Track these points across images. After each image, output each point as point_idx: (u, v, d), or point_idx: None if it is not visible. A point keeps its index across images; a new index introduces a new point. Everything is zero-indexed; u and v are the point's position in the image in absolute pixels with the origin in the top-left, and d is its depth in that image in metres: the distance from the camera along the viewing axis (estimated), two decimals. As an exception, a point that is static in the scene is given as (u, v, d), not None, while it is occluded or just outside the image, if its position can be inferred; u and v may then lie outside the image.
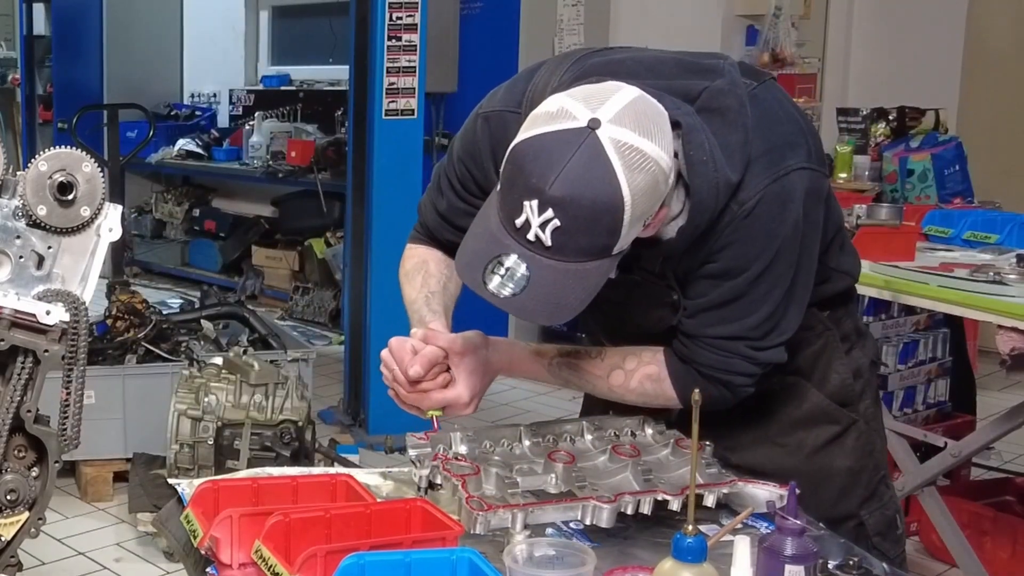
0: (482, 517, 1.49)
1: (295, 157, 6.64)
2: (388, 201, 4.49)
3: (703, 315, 1.61)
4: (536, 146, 1.42)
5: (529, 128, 1.45)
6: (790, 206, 1.54)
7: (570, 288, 1.45)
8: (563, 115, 1.42)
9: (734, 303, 1.58)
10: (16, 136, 8.96)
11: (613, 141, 1.39)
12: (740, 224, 1.53)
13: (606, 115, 1.40)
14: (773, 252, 1.55)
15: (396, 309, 4.99)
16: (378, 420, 4.54)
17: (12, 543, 1.40)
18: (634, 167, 1.39)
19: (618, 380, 1.69)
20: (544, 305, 1.47)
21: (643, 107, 1.44)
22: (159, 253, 7.86)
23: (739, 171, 1.51)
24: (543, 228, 1.40)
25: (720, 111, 1.53)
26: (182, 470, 3.45)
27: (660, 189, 1.43)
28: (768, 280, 1.57)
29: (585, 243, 1.41)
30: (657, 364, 1.67)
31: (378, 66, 4.42)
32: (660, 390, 1.67)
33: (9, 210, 1.39)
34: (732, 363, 1.62)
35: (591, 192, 1.38)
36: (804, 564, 1.29)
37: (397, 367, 1.71)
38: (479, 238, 1.51)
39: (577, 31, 5.49)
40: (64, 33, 8.07)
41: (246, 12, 8.07)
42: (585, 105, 1.42)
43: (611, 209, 1.39)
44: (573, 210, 1.38)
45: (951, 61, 5.42)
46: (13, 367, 1.36)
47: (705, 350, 1.62)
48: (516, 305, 1.48)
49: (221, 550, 1.45)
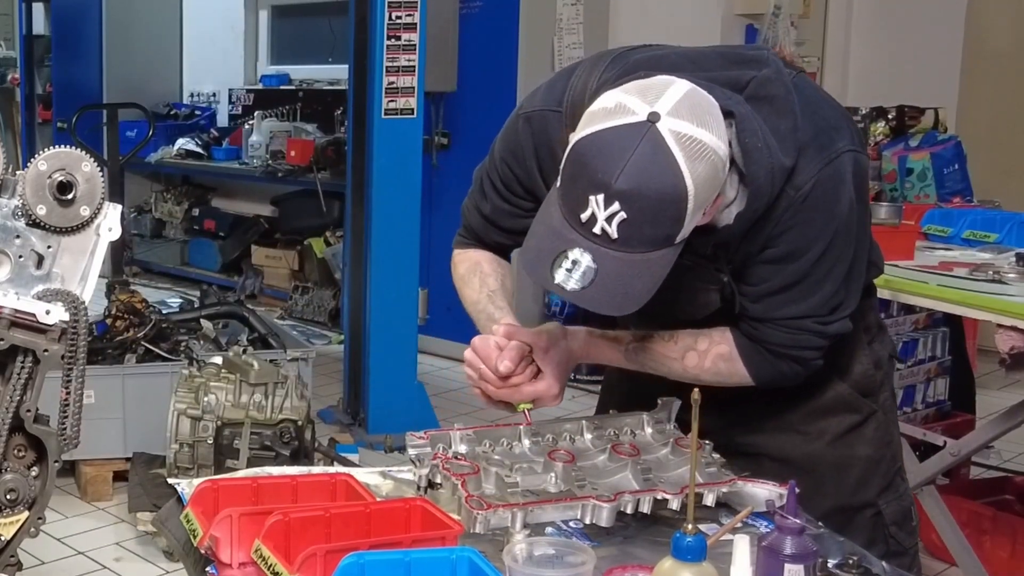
0: (482, 516, 1.49)
1: (295, 156, 6.64)
2: (388, 200, 4.49)
3: (769, 299, 1.64)
4: (598, 142, 1.44)
5: (588, 125, 1.47)
6: (843, 188, 1.58)
7: (636, 278, 1.48)
8: (622, 110, 1.45)
9: (798, 285, 1.62)
10: (16, 136, 8.96)
11: (673, 133, 1.42)
12: (798, 208, 1.57)
13: (664, 108, 1.43)
14: (831, 233, 1.59)
15: (396, 309, 4.99)
16: (377, 419, 4.54)
17: (12, 542, 1.40)
18: (695, 157, 1.42)
19: (692, 361, 1.71)
20: (612, 296, 1.50)
21: (697, 98, 1.47)
22: (159, 252, 7.85)
23: (792, 156, 1.55)
24: (609, 221, 1.43)
25: (769, 99, 1.56)
26: (182, 469, 3.45)
27: (719, 177, 1.47)
28: (829, 260, 1.61)
29: (650, 234, 1.45)
30: (728, 344, 1.70)
31: (377, 65, 4.42)
32: (733, 369, 1.70)
33: (9, 210, 1.40)
34: (801, 339, 1.66)
35: (656, 184, 1.41)
36: (803, 563, 1.30)
37: (484, 365, 1.76)
38: (542, 236, 1.53)
39: (576, 31, 5.48)
40: (64, 33, 8.06)
41: (245, 12, 8.06)
42: (642, 99, 1.45)
43: (676, 199, 1.42)
44: (639, 202, 1.42)
45: (950, 60, 5.42)
46: (13, 367, 1.36)
47: (774, 330, 1.66)
48: (585, 298, 1.51)
49: (221, 549, 1.45)
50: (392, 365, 4.58)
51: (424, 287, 5.08)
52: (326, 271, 6.65)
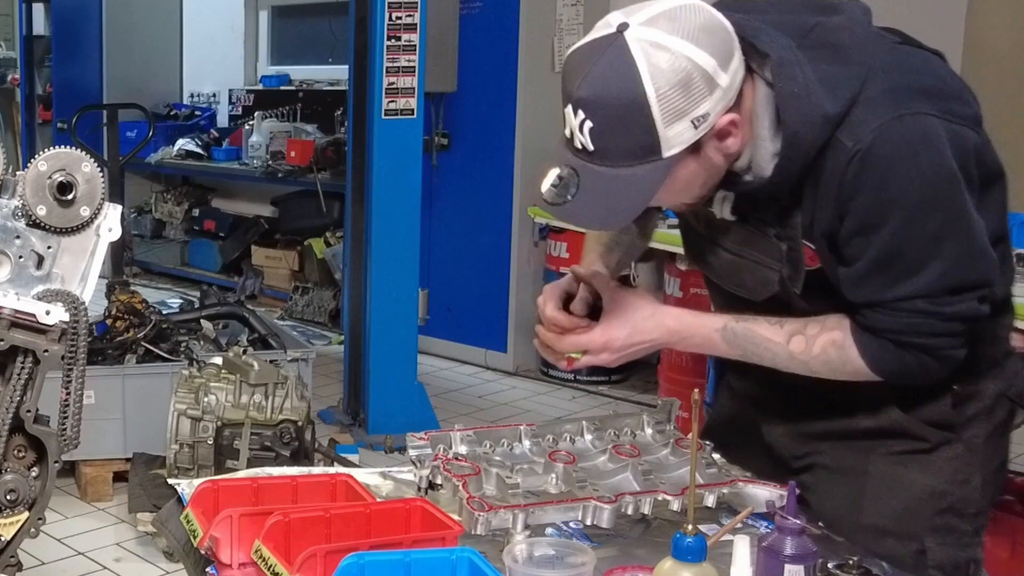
0: (483, 517, 1.49)
1: (295, 157, 6.64)
2: (388, 201, 4.49)
3: (868, 281, 1.50)
4: (576, 55, 1.50)
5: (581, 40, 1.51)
6: (923, 149, 1.44)
7: (621, 193, 1.49)
8: (603, 25, 1.48)
9: (893, 263, 1.48)
10: (16, 136, 8.96)
11: (638, 40, 1.43)
12: (862, 166, 1.45)
13: (638, 19, 1.45)
14: (914, 200, 1.45)
15: (396, 309, 4.99)
16: (378, 420, 4.53)
17: (12, 543, 1.40)
18: (659, 62, 1.42)
19: (799, 346, 1.57)
20: (595, 210, 1.51)
21: (688, 13, 1.45)
22: (159, 253, 7.85)
23: (842, 104, 1.46)
24: (582, 131, 1.46)
25: (832, 46, 1.51)
26: (182, 470, 3.45)
27: (699, 87, 1.43)
28: (924, 234, 1.46)
29: (624, 143, 1.45)
30: (842, 330, 1.55)
31: (377, 66, 4.42)
32: (846, 357, 1.55)
33: (9, 210, 1.40)
34: (916, 324, 1.50)
35: (614, 89, 1.43)
36: (803, 564, 1.30)
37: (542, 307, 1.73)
38: (553, 159, 1.55)
39: (577, 31, 5.48)
40: (64, 33, 8.06)
41: (245, 12, 8.06)
42: (624, 13, 1.47)
43: (635, 105, 1.42)
44: (601, 109, 1.44)
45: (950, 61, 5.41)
46: (13, 367, 1.36)
47: (884, 315, 1.51)
48: (568, 211, 1.52)
49: (221, 550, 1.45)
50: (392, 366, 4.58)
51: (424, 287, 5.08)
52: (326, 271, 6.65)
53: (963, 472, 1.64)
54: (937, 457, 1.64)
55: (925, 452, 1.64)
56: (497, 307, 5.57)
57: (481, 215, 5.57)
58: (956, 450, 1.64)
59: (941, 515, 1.64)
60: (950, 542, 1.64)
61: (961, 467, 1.64)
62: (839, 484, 1.69)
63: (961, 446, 1.64)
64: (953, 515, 1.65)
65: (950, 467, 1.64)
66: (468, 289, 5.68)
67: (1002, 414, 1.67)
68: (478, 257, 5.63)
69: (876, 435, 1.65)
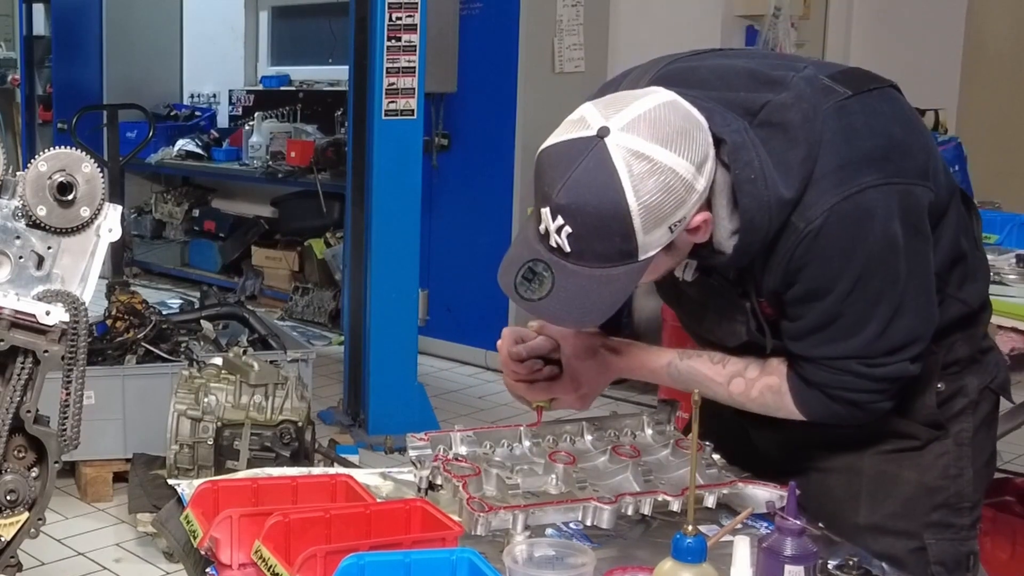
0: (483, 518, 1.49)
1: (295, 157, 6.64)
2: (388, 201, 4.49)
3: (807, 338, 1.57)
4: (553, 154, 1.47)
5: (554, 135, 1.49)
6: (869, 223, 1.48)
7: (596, 293, 1.48)
8: (580, 124, 1.46)
9: (833, 325, 1.54)
10: (16, 136, 8.96)
11: (621, 148, 1.41)
12: (812, 244, 1.50)
13: (618, 123, 1.43)
14: (858, 270, 1.50)
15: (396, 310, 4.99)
16: (378, 421, 4.53)
17: (12, 543, 1.41)
18: (641, 174, 1.41)
19: (739, 388, 1.65)
20: (570, 309, 1.50)
21: (665, 114, 1.45)
22: (159, 253, 7.85)
23: (796, 188, 1.48)
24: (559, 234, 1.44)
25: (782, 125, 1.51)
26: (182, 470, 3.45)
27: (678, 195, 1.43)
28: (864, 299, 1.52)
29: (601, 249, 1.44)
30: (779, 375, 1.62)
31: (377, 66, 4.42)
32: (781, 403, 1.62)
33: (9, 210, 1.40)
34: (847, 381, 1.57)
35: (594, 199, 1.41)
36: (803, 564, 1.30)
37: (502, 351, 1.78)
38: (518, 244, 1.55)
39: (577, 31, 5.48)
40: (64, 33, 8.06)
41: (246, 12, 8.06)
42: (602, 113, 1.45)
43: (617, 216, 1.41)
44: (580, 217, 1.42)
45: (950, 61, 5.42)
46: (13, 367, 1.36)
47: (818, 370, 1.58)
48: (542, 309, 1.51)
49: (221, 550, 1.45)
50: (392, 366, 4.58)
51: (424, 288, 5.08)
52: (326, 272, 6.66)
53: (954, 467, 1.68)
54: (928, 454, 1.68)
55: (916, 450, 1.68)
56: (497, 308, 5.57)
57: (481, 215, 5.57)
58: (946, 446, 1.68)
59: (937, 511, 1.68)
60: (948, 537, 1.68)
61: (952, 462, 1.68)
62: (833, 485, 1.70)
63: (950, 441, 1.68)
64: (948, 510, 1.68)
65: (941, 463, 1.68)
66: (468, 289, 5.68)
67: (987, 407, 1.72)
68: (478, 257, 5.62)
69: (867, 439, 1.68)
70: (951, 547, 1.68)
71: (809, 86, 1.54)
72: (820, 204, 1.48)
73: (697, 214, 1.48)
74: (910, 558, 1.65)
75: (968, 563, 1.70)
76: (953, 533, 1.69)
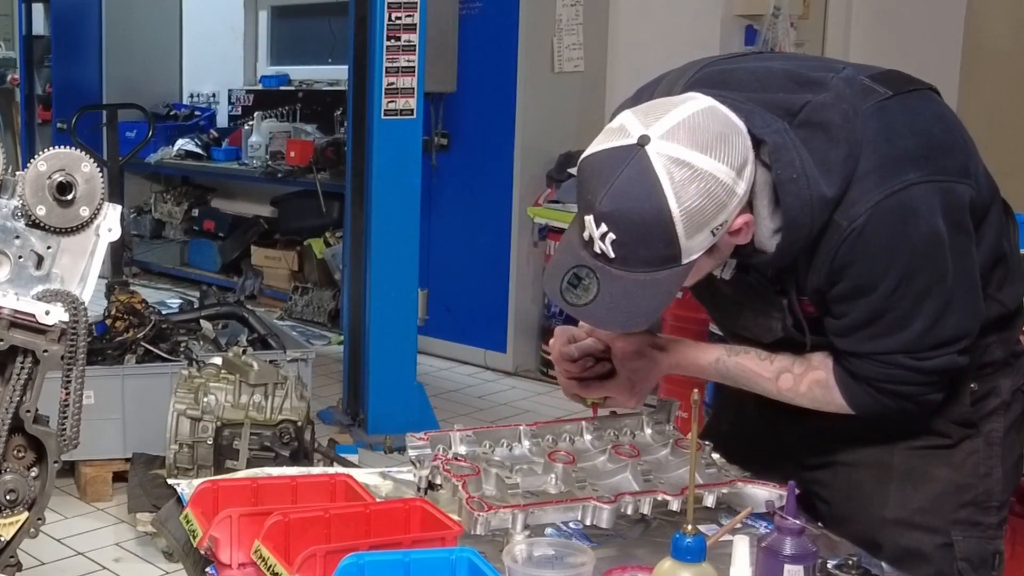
0: (483, 518, 1.49)
1: (294, 157, 6.64)
2: (387, 201, 4.48)
3: (853, 335, 1.58)
4: (595, 162, 1.49)
5: (595, 143, 1.50)
6: (913, 220, 1.50)
7: (640, 297, 1.50)
8: (621, 132, 1.47)
9: (879, 320, 1.55)
10: (15, 136, 8.96)
11: (662, 156, 1.43)
12: (856, 241, 1.51)
13: (658, 131, 1.45)
14: (903, 267, 1.51)
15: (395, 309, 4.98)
16: (377, 420, 4.53)
17: (11, 543, 1.41)
18: (683, 181, 1.43)
19: (787, 384, 1.67)
20: (615, 313, 1.52)
21: (705, 120, 1.46)
22: (158, 253, 7.85)
23: (838, 186, 1.50)
24: (603, 240, 1.47)
25: (822, 125, 1.52)
26: (181, 470, 3.45)
27: (719, 200, 1.45)
28: (910, 295, 1.53)
29: (645, 254, 1.46)
30: (825, 370, 1.63)
31: (377, 66, 4.42)
32: (830, 397, 1.64)
33: (8, 210, 1.40)
34: (894, 375, 1.58)
35: (637, 206, 1.44)
36: (803, 564, 1.30)
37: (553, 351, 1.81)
38: (562, 250, 1.57)
39: (576, 31, 5.48)
40: (63, 33, 8.06)
41: (245, 12, 8.06)
42: (641, 121, 1.47)
43: (660, 222, 1.44)
44: (624, 224, 1.45)
45: (950, 60, 5.42)
46: (12, 367, 1.36)
47: (866, 364, 1.59)
48: (588, 313, 1.54)
49: (220, 550, 1.45)
50: (392, 366, 4.58)
51: (424, 288, 5.08)
52: (326, 272, 6.65)
53: (984, 466, 1.70)
54: (959, 452, 1.69)
55: (947, 448, 1.69)
56: (496, 307, 5.57)
57: (481, 215, 5.57)
58: (977, 445, 1.69)
59: (965, 508, 1.69)
60: (975, 535, 1.69)
61: (982, 461, 1.70)
62: (861, 478, 1.72)
63: (981, 440, 1.69)
64: (976, 508, 1.69)
65: (972, 461, 1.69)
66: (468, 289, 5.68)
67: (1018, 408, 1.73)
68: (478, 257, 5.62)
69: (898, 434, 1.70)
70: (978, 545, 1.69)
71: (848, 87, 1.56)
72: (863, 202, 1.50)
73: (738, 216, 1.50)
74: (936, 553, 1.67)
75: (993, 562, 1.72)
76: (980, 531, 1.69)
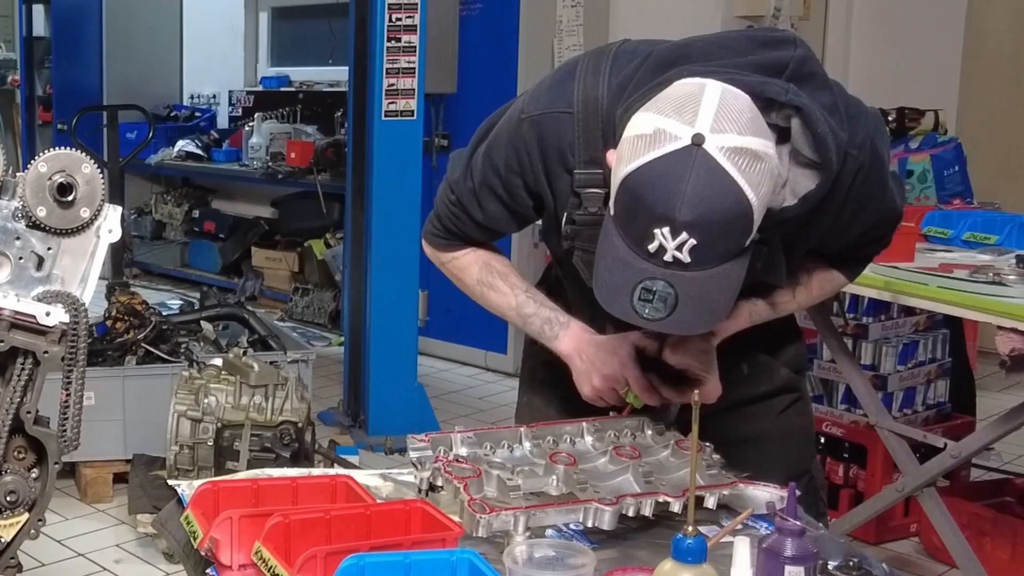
0: (484, 520, 1.49)
1: (295, 158, 6.64)
2: (388, 202, 4.49)
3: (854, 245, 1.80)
4: (650, 174, 1.42)
5: (634, 157, 1.44)
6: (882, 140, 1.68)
7: (716, 291, 1.48)
8: (663, 136, 1.42)
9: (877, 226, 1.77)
10: (16, 137, 8.96)
11: (721, 150, 1.40)
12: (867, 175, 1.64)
13: (705, 125, 1.41)
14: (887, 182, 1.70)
15: (396, 310, 4.97)
16: (378, 421, 4.54)
17: (12, 544, 1.40)
18: (750, 168, 1.41)
19: (803, 296, 1.85)
20: (698, 315, 1.49)
21: (731, 101, 1.45)
22: (159, 254, 7.86)
23: (846, 128, 1.57)
24: (680, 249, 1.42)
25: (811, 76, 1.57)
26: (182, 471, 3.45)
27: (775, 173, 1.47)
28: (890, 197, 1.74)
29: (722, 250, 1.45)
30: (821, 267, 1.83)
31: (377, 67, 4.42)
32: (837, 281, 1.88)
33: (9, 211, 1.40)
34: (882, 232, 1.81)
35: (719, 206, 1.40)
36: (804, 565, 1.29)
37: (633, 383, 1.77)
38: (613, 268, 1.50)
39: (576, 32, 5.49)
40: (64, 34, 8.06)
41: (245, 13, 8.06)
42: (679, 119, 1.43)
43: (740, 215, 1.42)
44: (707, 227, 1.41)
45: (950, 62, 5.42)
46: (13, 368, 1.36)
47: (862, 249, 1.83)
48: (671, 323, 1.49)
49: (221, 551, 1.45)
50: (392, 367, 4.58)
51: (424, 289, 5.08)
52: (326, 273, 6.65)
53: (810, 408, 2.06)
54: (802, 404, 2.00)
55: (797, 402, 1.98)
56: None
57: (481, 216, 5.56)
58: (806, 394, 2.03)
59: (814, 446, 2.10)
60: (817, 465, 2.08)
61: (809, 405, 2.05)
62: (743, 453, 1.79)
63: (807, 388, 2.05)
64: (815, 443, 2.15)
65: (808, 408, 2.03)
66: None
67: None
68: (478, 258, 5.62)
69: (769, 396, 1.95)
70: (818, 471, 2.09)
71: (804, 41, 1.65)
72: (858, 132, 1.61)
73: None
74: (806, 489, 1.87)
75: None
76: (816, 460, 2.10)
